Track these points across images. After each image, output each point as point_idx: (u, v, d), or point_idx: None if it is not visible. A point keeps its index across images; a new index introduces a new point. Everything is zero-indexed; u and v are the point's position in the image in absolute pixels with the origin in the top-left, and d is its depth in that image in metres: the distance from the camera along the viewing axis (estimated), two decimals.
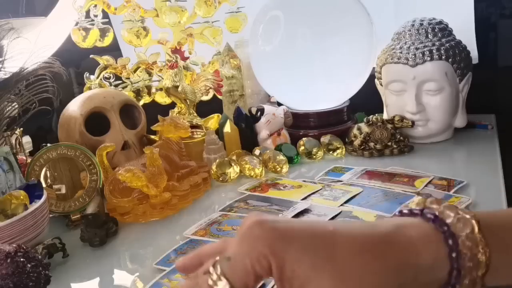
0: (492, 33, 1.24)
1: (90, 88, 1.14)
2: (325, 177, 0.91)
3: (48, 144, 0.85)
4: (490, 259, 0.31)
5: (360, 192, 0.81)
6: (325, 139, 1.05)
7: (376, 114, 1.07)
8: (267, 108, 1.07)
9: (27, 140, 1.08)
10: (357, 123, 1.08)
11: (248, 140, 1.06)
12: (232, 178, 0.95)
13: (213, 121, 1.16)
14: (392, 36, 1.09)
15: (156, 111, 1.00)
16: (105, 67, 1.17)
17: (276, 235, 0.31)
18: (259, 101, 1.22)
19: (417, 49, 1.00)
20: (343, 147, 1.04)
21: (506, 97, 1.25)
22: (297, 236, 0.31)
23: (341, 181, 0.88)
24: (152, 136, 1.02)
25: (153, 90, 1.25)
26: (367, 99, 1.15)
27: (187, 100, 1.12)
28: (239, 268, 0.31)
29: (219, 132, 1.07)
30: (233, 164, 0.96)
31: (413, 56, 1.00)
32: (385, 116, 1.09)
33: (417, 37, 1.02)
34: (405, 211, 0.35)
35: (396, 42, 1.06)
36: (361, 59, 1.10)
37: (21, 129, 0.97)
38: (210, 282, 0.31)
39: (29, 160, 0.87)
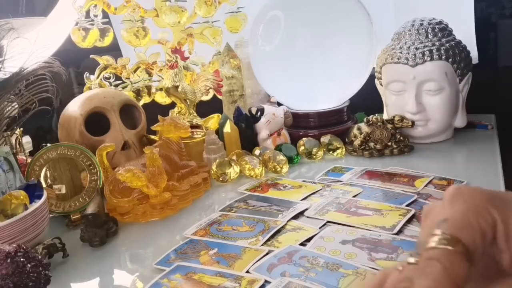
0: (492, 33, 1.24)
1: (90, 88, 1.14)
2: (325, 177, 0.91)
3: (48, 144, 0.85)
4: None
5: (360, 192, 0.81)
6: (325, 139, 1.05)
7: (376, 114, 1.07)
8: (267, 108, 1.07)
9: (27, 140, 1.08)
10: (357, 123, 1.08)
11: (248, 140, 1.06)
12: (232, 178, 0.95)
13: (213, 121, 1.16)
14: (392, 36, 1.09)
15: (156, 111, 1.00)
16: (105, 67, 1.17)
17: (490, 194, 0.30)
18: (259, 101, 1.22)
19: (417, 49, 1.00)
20: (343, 147, 1.04)
21: (506, 97, 1.25)
22: (509, 196, 0.30)
23: (341, 181, 0.88)
24: (152, 136, 1.02)
25: (153, 90, 1.25)
26: (367, 99, 1.15)
27: (187, 100, 1.12)
28: (462, 225, 0.28)
29: (219, 132, 1.07)
30: (233, 164, 0.96)
31: (413, 56, 1.00)
32: (385, 116, 1.09)
33: (417, 37, 1.02)
34: None
35: (396, 42, 1.06)
36: (361, 59, 1.10)
37: (21, 129, 0.97)
38: (433, 244, 0.28)
39: (29, 160, 0.87)
